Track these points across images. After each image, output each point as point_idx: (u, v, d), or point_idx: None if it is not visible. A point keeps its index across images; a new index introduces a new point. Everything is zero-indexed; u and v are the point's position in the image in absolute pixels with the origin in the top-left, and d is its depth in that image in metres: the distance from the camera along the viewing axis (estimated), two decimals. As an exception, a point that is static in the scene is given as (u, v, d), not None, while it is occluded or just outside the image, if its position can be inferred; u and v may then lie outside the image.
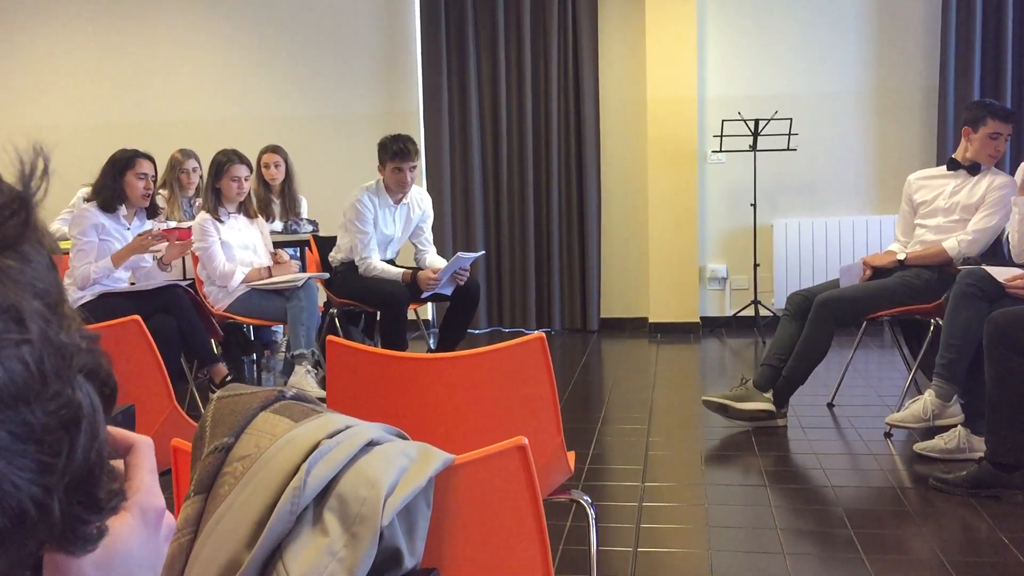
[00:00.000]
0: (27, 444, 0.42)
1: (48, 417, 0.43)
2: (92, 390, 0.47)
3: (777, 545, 2.94)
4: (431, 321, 6.91)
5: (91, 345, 0.48)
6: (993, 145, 4.14)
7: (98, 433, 0.47)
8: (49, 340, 0.44)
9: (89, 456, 0.46)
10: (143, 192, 4.47)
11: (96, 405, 0.47)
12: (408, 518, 1.02)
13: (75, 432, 0.45)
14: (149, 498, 0.54)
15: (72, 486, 0.45)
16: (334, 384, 2.11)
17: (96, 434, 0.46)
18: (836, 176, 6.61)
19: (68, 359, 0.45)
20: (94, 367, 0.48)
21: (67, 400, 0.45)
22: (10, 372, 0.42)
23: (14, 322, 0.42)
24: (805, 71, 6.57)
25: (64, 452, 0.44)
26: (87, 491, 0.46)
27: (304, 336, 4.68)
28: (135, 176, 4.44)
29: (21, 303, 0.43)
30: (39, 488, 0.43)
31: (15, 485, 0.42)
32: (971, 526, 3.07)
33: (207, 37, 7.19)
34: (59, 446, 0.44)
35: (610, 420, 4.45)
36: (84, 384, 0.46)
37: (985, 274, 3.67)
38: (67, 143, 7.17)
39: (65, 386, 0.45)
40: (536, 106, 6.78)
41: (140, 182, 4.45)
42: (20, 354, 0.42)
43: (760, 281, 6.47)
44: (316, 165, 6.74)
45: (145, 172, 4.46)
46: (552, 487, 2.22)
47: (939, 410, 3.78)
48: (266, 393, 1.02)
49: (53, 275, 0.47)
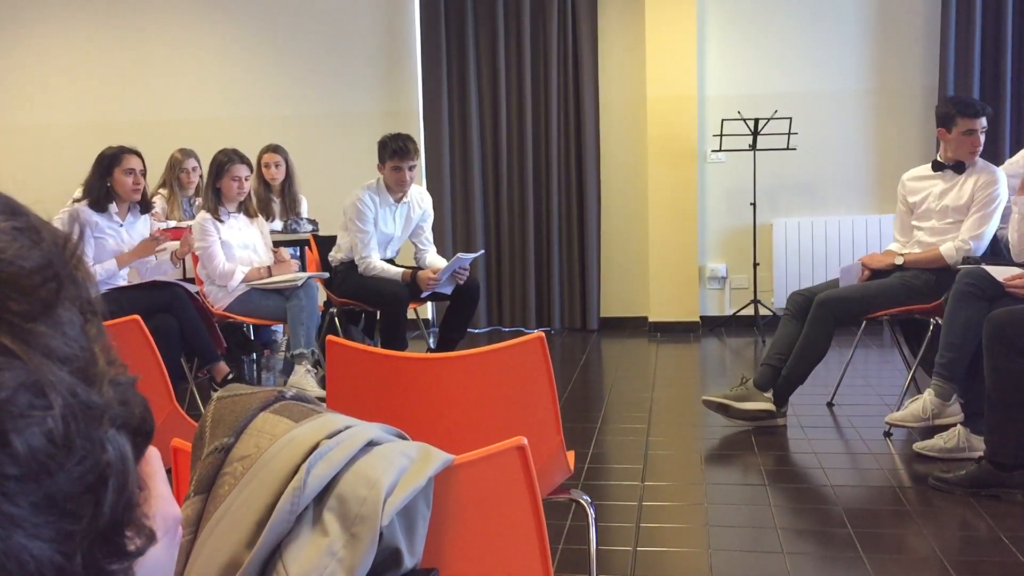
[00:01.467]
0: (50, 515, 0.41)
1: (72, 484, 0.42)
2: (125, 441, 0.46)
3: (777, 544, 2.94)
4: (431, 320, 6.91)
5: (125, 393, 0.47)
6: (969, 142, 4.13)
7: (127, 486, 0.45)
8: (75, 407, 0.43)
9: (117, 511, 0.44)
10: (132, 187, 4.45)
11: (127, 457, 0.45)
12: (408, 518, 1.02)
13: (102, 491, 0.44)
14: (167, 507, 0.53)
15: (97, 541, 0.44)
16: (334, 384, 2.11)
17: (124, 487, 0.45)
18: (836, 175, 6.61)
19: (98, 419, 0.44)
20: (127, 418, 0.46)
21: (94, 462, 0.43)
22: (33, 447, 0.41)
23: (38, 395, 0.41)
24: (805, 70, 6.57)
25: (88, 515, 0.43)
26: (113, 542, 0.45)
27: (304, 336, 4.68)
28: (122, 172, 4.42)
29: (47, 375, 0.42)
30: (60, 555, 0.42)
31: (34, 556, 0.41)
32: (970, 525, 3.07)
33: (207, 36, 7.18)
34: (83, 511, 0.43)
35: (610, 419, 4.45)
36: (116, 438, 0.45)
37: (984, 273, 3.67)
38: (65, 142, 7.18)
39: (93, 447, 0.43)
40: (536, 105, 6.77)
41: (128, 178, 4.43)
42: (46, 428, 0.41)
43: (760, 280, 6.47)
44: (316, 164, 6.73)
45: (132, 167, 4.43)
46: (552, 486, 2.22)
47: (939, 409, 3.79)
48: (266, 393, 1.02)
49: (87, 333, 0.45)
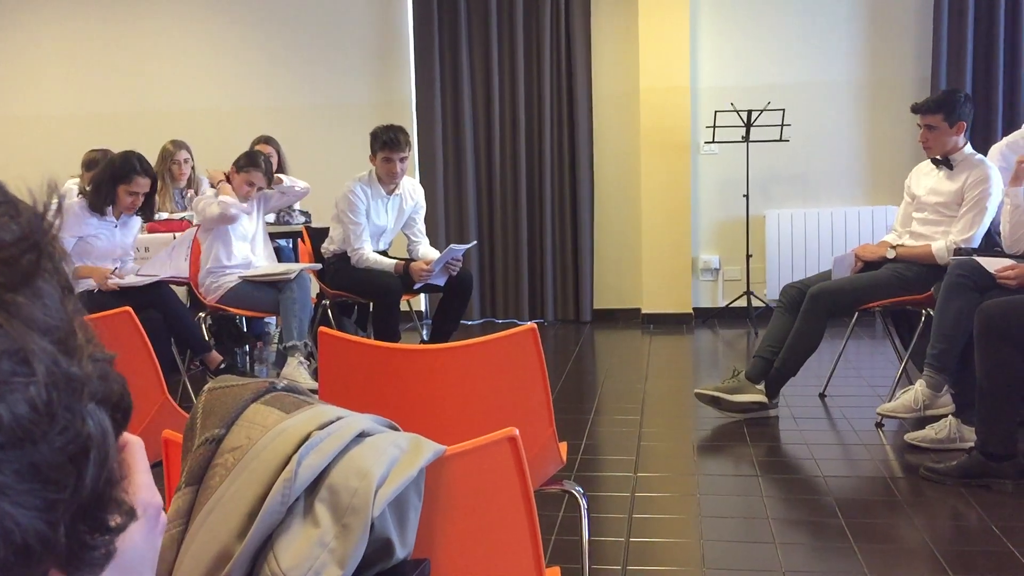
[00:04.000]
0: (33, 483, 0.42)
1: (55, 454, 0.43)
2: (104, 416, 0.46)
3: (769, 535, 2.95)
4: (424, 312, 6.90)
5: (104, 369, 0.47)
6: (921, 136, 4.22)
7: (107, 460, 0.46)
8: (57, 376, 0.43)
9: (98, 484, 0.45)
10: (129, 204, 4.52)
11: (107, 431, 0.46)
12: (399, 509, 1.02)
13: (83, 463, 0.44)
14: (148, 495, 0.54)
15: (79, 514, 0.44)
16: (326, 375, 2.11)
17: (105, 461, 0.46)
18: (829, 167, 6.62)
19: (78, 391, 0.44)
20: (106, 393, 0.47)
21: (75, 433, 0.44)
22: (17, 415, 0.41)
23: (22, 363, 0.42)
24: (798, 62, 6.57)
25: (71, 485, 0.44)
26: (95, 516, 0.46)
27: (296, 328, 4.67)
28: (127, 192, 4.48)
29: (28, 343, 0.42)
30: (44, 524, 0.42)
31: (18, 523, 0.41)
32: (961, 515, 3.08)
33: (200, 27, 7.15)
34: (66, 480, 0.43)
35: (602, 411, 4.46)
36: (95, 412, 0.46)
37: (976, 265, 3.68)
38: (58, 133, 7.15)
39: (74, 418, 0.44)
40: (529, 96, 6.76)
41: (130, 198, 4.50)
42: (28, 395, 0.42)
43: (753, 272, 6.48)
44: (308, 155, 6.71)
45: (137, 191, 4.50)
46: (544, 478, 2.23)
47: (930, 400, 3.80)
48: (257, 384, 1.02)
49: (66, 307, 0.46)
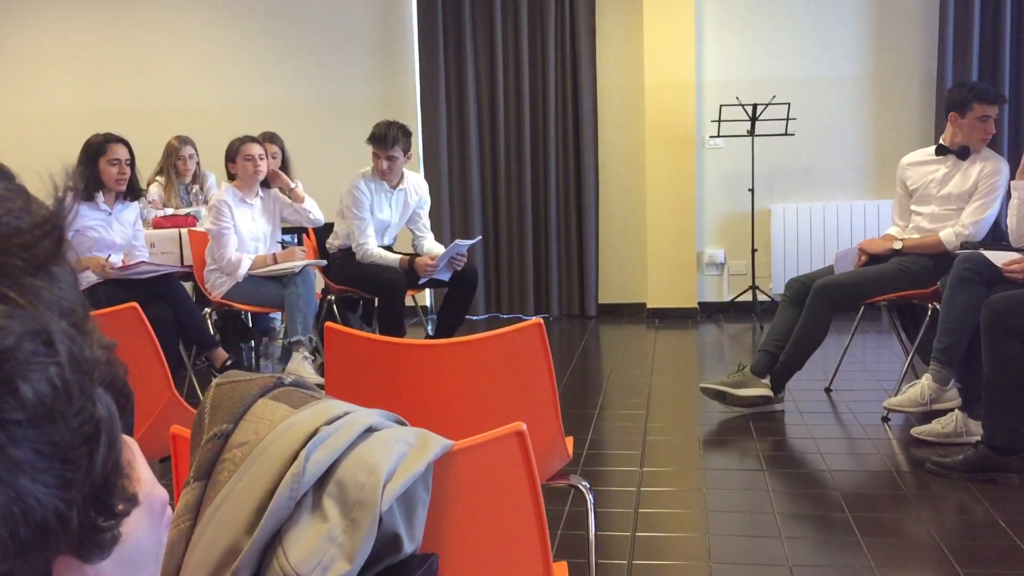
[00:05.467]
0: (52, 461, 0.44)
1: (72, 434, 0.45)
2: (111, 401, 0.48)
3: (775, 529, 2.95)
4: (429, 307, 6.91)
5: (109, 356, 0.49)
6: (983, 128, 4.09)
7: (115, 443, 0.48)
8: (75, 358, 0.45)
9: (107, 467, 0.47)
10: (117, 177, 4.45)
11: (114, 416, 0.48)
12: (407, 504, 1.02)
13: (95, 445, 0.46)
14: (153, 489, 0.55)
15: (90, 496, 0.46)
16: (332, 371, 2.11)
17: (113, 444, 0.47)
18: (834, 161, 6.60)
19: (90, 375, 0.46)
20: (112, 378, 0.49)
21: (89, 415, 0.46)
22: (39, 393, 0.43)
23: (44, 344, 0.44)
24: (803, 56, 6.55)
25: (84, 465, 0.45)
26: (104, 500, 0.47)
27: (301, 323, 4.68)
28: (107, 163, 4.42)
29: (50, 325, 0.44)
30: (62, 502, 0.44)
31: (39, 500, 0.43)
32: (968, 509, 3.08)
33: (203, 23, 7.15)
34: (80, 460, 0.45)
35: (608, 405, 4.46)
36: (103, 396, 0.47)
37: (982, 258, 3.67)
38: (60, 130, 7.15)
39: (87, 401, 0.46)
40: (533, 91, 6.76)
41: (113, 168, 4.43)
42: (49, 376, 0.43)
43: (758, 266, 6.47)
44: (312, 152, 6.72)
45: (118, 157, 4.44)
46: (550, 472, 2.23)
47: (936, 394, 3.79)
48: (265, 380, 1.02)
49: (78, 293, 0.48)
